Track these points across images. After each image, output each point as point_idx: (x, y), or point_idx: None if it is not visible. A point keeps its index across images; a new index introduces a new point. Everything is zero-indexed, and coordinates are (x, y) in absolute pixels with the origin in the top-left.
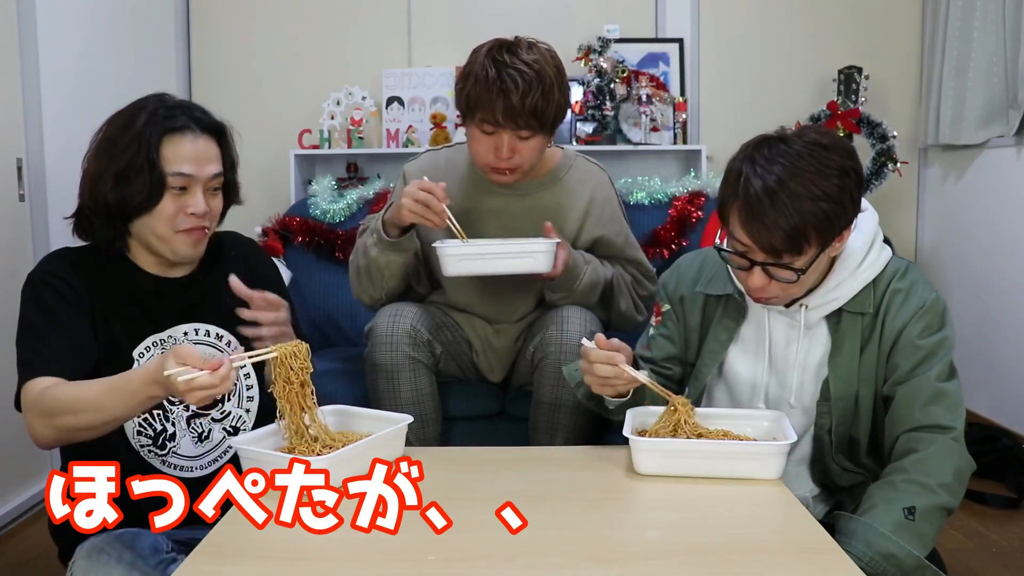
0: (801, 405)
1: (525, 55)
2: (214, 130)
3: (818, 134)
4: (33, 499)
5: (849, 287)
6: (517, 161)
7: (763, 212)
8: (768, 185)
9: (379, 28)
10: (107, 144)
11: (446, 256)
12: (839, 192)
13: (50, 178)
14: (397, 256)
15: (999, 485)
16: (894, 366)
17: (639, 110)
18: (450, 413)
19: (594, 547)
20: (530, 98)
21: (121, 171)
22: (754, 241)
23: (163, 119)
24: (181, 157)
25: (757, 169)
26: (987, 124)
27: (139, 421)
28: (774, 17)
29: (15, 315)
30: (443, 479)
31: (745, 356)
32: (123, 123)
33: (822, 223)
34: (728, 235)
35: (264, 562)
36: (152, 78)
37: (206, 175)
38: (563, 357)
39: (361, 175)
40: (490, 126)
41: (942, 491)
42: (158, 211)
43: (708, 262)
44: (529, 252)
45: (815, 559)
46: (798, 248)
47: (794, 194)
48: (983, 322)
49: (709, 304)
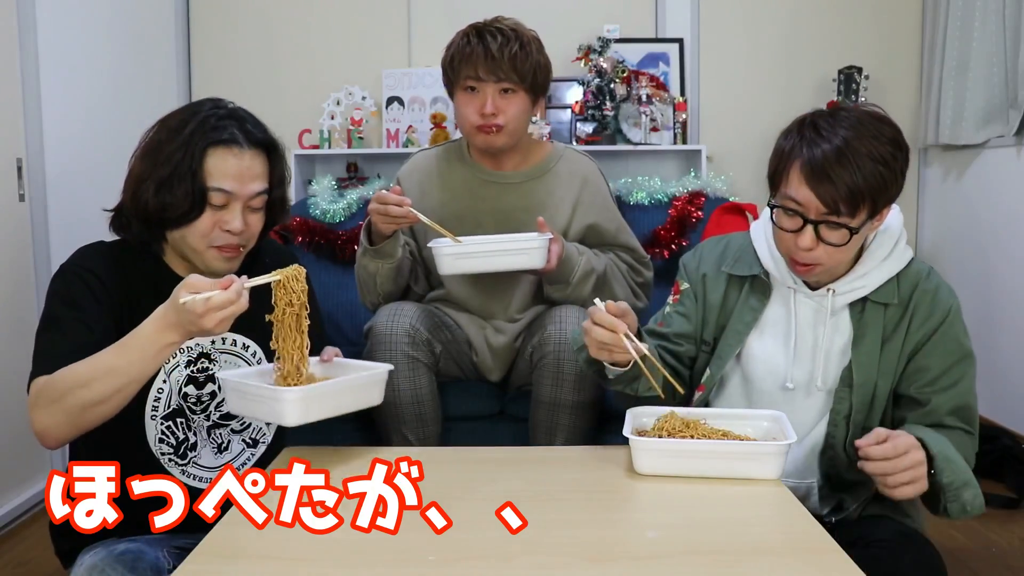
0: (825, 387)
1: (503, 22)
2: (263, 145)
3: (868, 109)
4: (33, 499)
5: (876, 276)
6: (502, 120)
7: (830, 167)
8: (835, 144)
9: (379, 28)
10: (154, 148)
11: (441, 255)
12: (893, 160)
13: (50, 178)
14: (384, 262)
15: (999, 485)
16: (923, 367)
17: (639, 110)
18: (450, 413)
19: (594, 547)
20: (508, 49)
21: (164, 179)
22: (817, 195)
23: (211, 130)
24: (224, 172)
25: (822, 132)
26: (987, 124)
27: (162, 429)
28: (774, 17)
29: (15, 315)
30: (443, 479)
31: (765, 339)
32: (173, 127)
33: (879, 186)
34: (781, 197)
35: (264, 562)
36: (152, 78)
37: (247, 193)
38: (562, 356)
39: (361, 175)
40: (472, 81)
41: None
42: (195, 225)
43: (732, 244)
44: (523, 249)
45: (815, 559)
46: (855, 207)
47: (858, 153)
48: (983, 322)
49: (732, 285)
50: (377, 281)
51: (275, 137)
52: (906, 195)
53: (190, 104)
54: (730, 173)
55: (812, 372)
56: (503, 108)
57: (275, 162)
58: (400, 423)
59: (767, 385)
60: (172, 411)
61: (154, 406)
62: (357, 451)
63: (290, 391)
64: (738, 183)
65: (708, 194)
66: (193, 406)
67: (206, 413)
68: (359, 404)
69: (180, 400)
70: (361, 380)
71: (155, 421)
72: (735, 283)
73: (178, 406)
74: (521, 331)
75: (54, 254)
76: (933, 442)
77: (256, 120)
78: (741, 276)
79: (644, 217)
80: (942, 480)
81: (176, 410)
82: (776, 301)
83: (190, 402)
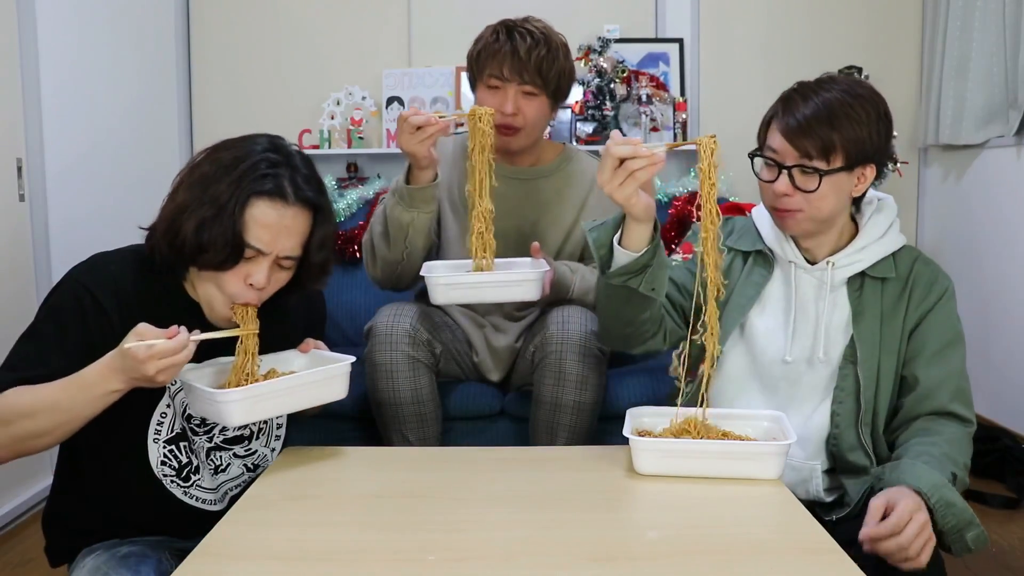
0: (829, 361)
1: (534, 23)
2: (311, 204)
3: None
4: (33, 499)
5: (874, 251)
6: (520, 121)
7: (804, 119)
8: (814, 101)
9: (379, 28)
10: (201, 181)
11: (435, 285)
12: (869, 119)
13: (50, 178)
14: (420, 211)
15: (999, 485)
16: (920, 345)
17: (639, 110)
18: (450, 413)
19: (594, 547)
20: (536, 52)
21: (205, 220)
22: (791, 143)
23: (260, 177)
24: (262, 225)
25: (807, 92)
26: (987, 124)
27: (165, 452)
28: (774, 17)
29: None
30: (443, 479)
31: (766, 314)
32: (225, 164)
33: (853, 138)
34: (763, 148)
35: (264, 562)
36: (152, 78)
37: (276, 251)
38: (564, 356)
39: (361, 175)
40: (496, 79)
41: (964, 472)
42: (223, 275)
43: (737, 224)
44: (518, 281)
45: (815, 559)
46: (827, 152)
47: (832, 107)
48: (983, 322)
49: (735, 262)
50: (409, 233)
51: (325, 197)
52: (906, 195)
53: (246, 138)
54: (730, 173)
55: (813, 346)
56: (523, 110)
57: (319, 223)
58: (400, 423)
59: (768, 360)
60: (176, 435)
61: (157, 429)
62: (357, 451)
63: (230, 392)
64: (738, 183)
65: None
66: (196, 427)
67: (209, 435)
68: (317, 400)
69: (184, 422)
70: (315, 375)
71: (158, 444)
72: (738, 258)
73: (181, 429)
74: (522, 331)
75: (54, 254)
76: (929, 489)
77: (311, 171)
78: (744, 252)
79: None
80: (945, 527)
81: (179, 434)
82: (778, 277)
83: (194, 423)
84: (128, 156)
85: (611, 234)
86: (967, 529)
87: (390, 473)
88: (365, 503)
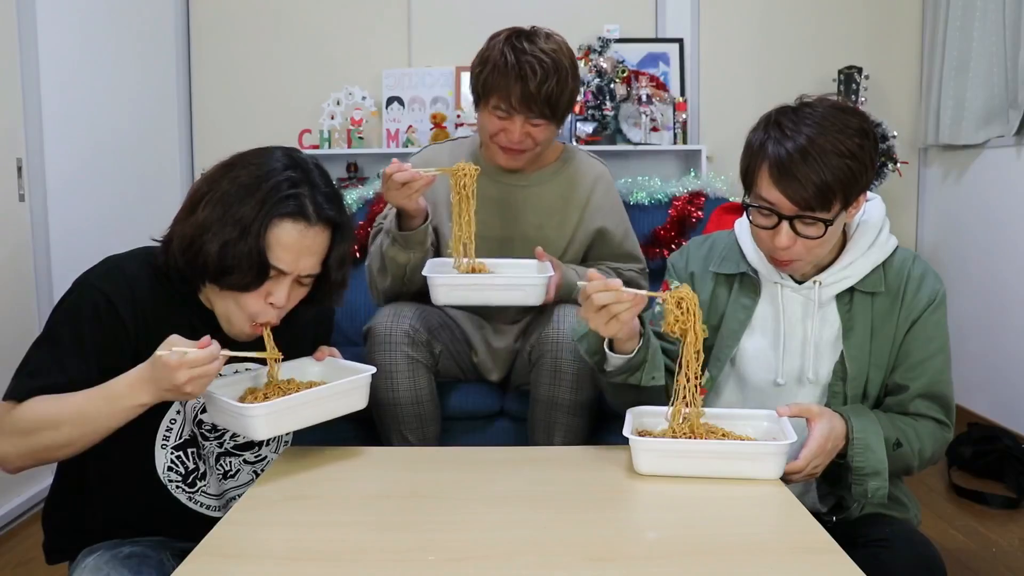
0: (818, 380)
1: (543, 44)
2: (332, 222)
3: (832, 102)
4: (34, 499)
5: (861, 265)
6: (530, 144)
7: (795, 168)
8: (799, 144)
9: (379, 28)
10: (222, 200)
11: (436, 286)
12: (861, 151)
13: (50, 178)
14: (415, 251)
15: (999, 485)
16: (905, 353)
17: (639, 110)
18: (449, 413)
19: (594, 547)
20: (547, 86)
21: (228, 243)
22: (786, 196)
23: (283, 200)
24: (283, 246)
25: (786, 131)
26: (987, 124)
27: (172, 458)
28: (774, 17)
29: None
30: (443, 479)
31: (755, 336)
32: (245, 184)
33: (848, 179)
34: (754, 197)
35: (264, 562)
36: (152, 78)
37: (298, 270)
38: (560, 355)
39: (361, 175)
40: (504, 112)
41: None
42: (244, 296)
43: (718, 244)
44: (520, 285)
45: (815, 559)
46: (827, 202)
47: (823, 150)
48: (983, 322)
49: (719, 285)
50: (407, 272)
51: (344, 213)
52: (906, 195)
53: (262, 153)
54: (730, 173)
55: (802, 366)
56: (532, 134)
57: (338, 241)
58: (400, 423)
59: (759, 382)
60: (184, 441)
61: (165, 435)
62: (356, 451)
63: (256, 407)
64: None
65: (708, 194)
66: (207, 433)
67: (220, 440)
68: (339, 411)
69: (194, 428)
70: (338, 387)
71: (165, 450)
72: (723, 282)
73: (191, 435)
74: (521, 331)
75: (54, 254)
76: (859, 428)
77: (330, 187)
78: (729, 275)
79: (644, 217)
80: (852, 463)
81: (189, 440)
82: (765, 298)
83: (204, 429)
84: (128, 156)
85: (599, 340)
86: (872, 477)
87: (390, 473)
88: (365, 503)
